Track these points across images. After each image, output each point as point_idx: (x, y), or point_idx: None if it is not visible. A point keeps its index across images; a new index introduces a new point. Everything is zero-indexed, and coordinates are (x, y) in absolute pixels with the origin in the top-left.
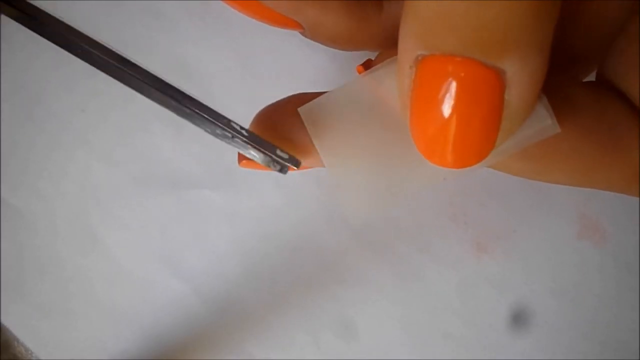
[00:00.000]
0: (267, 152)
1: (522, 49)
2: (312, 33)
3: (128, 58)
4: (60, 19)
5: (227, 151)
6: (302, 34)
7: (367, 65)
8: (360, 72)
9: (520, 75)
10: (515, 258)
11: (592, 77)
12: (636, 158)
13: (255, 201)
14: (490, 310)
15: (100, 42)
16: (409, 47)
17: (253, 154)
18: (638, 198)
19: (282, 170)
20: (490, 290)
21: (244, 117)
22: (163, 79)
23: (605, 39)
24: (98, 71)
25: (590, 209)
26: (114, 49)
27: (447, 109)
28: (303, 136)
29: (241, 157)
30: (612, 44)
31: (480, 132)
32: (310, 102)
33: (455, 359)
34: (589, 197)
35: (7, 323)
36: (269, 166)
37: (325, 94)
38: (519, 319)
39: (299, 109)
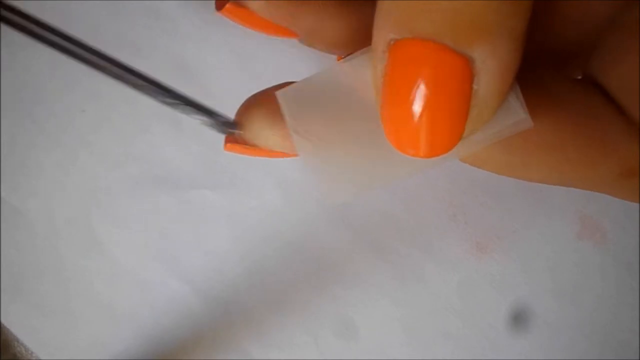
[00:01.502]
0: (207, 114)
1: (492, 36)
2: (310, 40)
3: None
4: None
5: (227, 152)
6: (300, 41)
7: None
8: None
9: (490, 64)
10: (515, 258)
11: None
12: (624, 155)
13: (255, 201)
14: (490, 310)
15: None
16: (382, 31)
17: (199, 117)
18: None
19: (224, 130)
20: (490, 290)
21: None
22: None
23: (594, 34)
24: (98, 71)
25: (590, 209)
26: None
27: (415, 94)
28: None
29: (227, 141)
30: (600, 39)
31: (448, 119)
32: (288, 87)
33: (455, 359)
34: (589, 198)
35: (7, 323)
36: (213, 128)
37: (303, 80)
38: (519, 319)
39: (276, 93)
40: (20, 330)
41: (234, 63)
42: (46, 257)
